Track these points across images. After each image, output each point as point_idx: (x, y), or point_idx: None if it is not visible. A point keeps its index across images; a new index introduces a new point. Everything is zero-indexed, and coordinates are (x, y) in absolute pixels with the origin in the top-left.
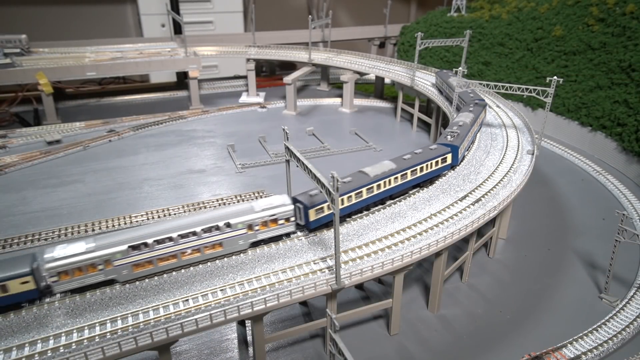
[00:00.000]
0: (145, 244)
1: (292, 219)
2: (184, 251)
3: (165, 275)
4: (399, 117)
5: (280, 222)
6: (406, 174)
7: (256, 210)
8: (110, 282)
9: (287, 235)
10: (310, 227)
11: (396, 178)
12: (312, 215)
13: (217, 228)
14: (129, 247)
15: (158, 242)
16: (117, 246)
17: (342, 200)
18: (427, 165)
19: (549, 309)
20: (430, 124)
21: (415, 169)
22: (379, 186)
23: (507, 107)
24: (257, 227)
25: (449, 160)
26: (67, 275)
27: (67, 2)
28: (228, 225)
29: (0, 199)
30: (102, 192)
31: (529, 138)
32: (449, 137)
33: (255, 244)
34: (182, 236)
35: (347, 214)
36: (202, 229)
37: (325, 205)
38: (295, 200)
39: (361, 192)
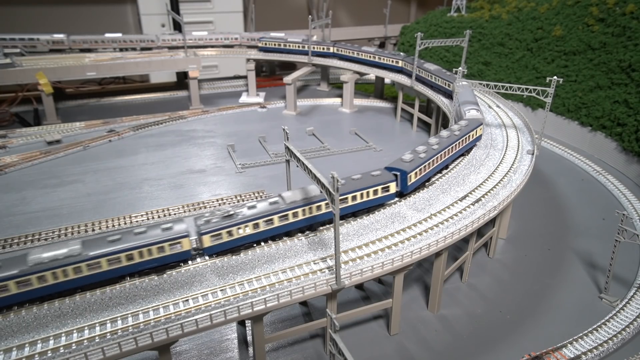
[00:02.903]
0: None
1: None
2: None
3: (165, 275)
4: (399, 117)
5: None
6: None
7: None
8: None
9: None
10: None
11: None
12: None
13: None
14: None
15: None
16: None
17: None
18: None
19: (549, 309)
20: (430, 124)
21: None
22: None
23: (507, 107)
24: None
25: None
26: None
27: (67, 1)
28: None
29: (0, 199)
30: (102, 192)
31: (529, 138)
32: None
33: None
34: None
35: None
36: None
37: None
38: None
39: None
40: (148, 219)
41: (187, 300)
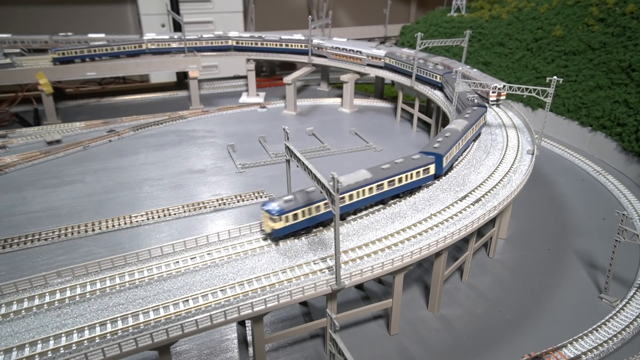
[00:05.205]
0: None
1: None
2: None
3: (165, 275)
4: (399, 117)
5: None
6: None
7: None
8: None
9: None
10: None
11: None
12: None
13: None
14: None
15: None
16: None
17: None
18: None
19: (549, 309)
20: (430, 124)
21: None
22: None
23: (507, 107)
24: None
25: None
26: None
27: (67, 1)
28: None
29: (0, 199)
30: (102, 192)
31: (529, 138)
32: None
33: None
34: None
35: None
36: None
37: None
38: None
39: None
40: (148, 219)
41: (187, 300)
